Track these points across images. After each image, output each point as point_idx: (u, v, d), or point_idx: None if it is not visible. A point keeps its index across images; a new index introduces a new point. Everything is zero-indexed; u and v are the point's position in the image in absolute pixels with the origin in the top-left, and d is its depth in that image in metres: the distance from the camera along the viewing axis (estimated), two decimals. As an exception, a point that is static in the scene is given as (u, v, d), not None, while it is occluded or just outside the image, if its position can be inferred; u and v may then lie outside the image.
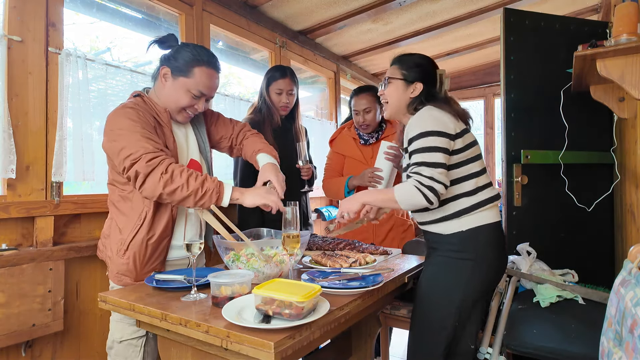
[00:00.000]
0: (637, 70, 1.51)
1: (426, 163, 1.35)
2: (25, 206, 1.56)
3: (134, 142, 1.31)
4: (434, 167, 1.34)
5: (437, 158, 1.35)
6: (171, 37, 1.51)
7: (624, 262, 1.00)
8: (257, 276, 1.32)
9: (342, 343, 1.84)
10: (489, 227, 1.46)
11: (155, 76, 1.53)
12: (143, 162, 1.29)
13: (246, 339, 0.93)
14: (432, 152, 1.36)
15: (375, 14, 2.82)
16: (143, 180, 1.30)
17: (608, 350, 0.95)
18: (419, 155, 1.38)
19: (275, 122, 2.14)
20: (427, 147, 1.37)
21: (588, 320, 1.57)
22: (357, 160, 2.32)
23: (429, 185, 1.32)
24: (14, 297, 1.48)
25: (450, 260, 1.46)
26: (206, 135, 1.68)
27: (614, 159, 2.31)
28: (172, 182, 1.29)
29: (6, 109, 1.52)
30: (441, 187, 1.32)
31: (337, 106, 3.71)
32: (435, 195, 1.32)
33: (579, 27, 2.41)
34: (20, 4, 1.57)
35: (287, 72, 2.17)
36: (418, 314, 1.51)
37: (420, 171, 1.34)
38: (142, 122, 1.37)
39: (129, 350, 1.40)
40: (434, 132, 1.38)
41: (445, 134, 1.39)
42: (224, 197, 1.37)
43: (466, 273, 1.42)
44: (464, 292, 1.42)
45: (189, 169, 1.35)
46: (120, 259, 1.41)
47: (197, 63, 1.46)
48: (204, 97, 1.51)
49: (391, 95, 1.57)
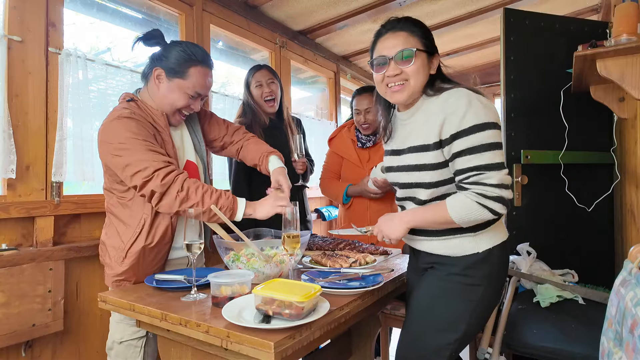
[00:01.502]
0: (637, 70, 1.51)
1: (490, 166, 1.09)
2: (25, 206, 1.56)
3: (139, 158, 1.29)
4: (500, 169, 1.09)
5: (500, 157, 1.10)
6: (156, 33, 1.45)
7: (624, 262, 1.00)
8: (257, 276, 1.32)
9: (342, 343, 1.84)
10: (505, 246, 1.23)
11: (146, 76, 1.48)
12: (158, 181, 1.28)
13: (246, 339, 0.93)
14: (494, 151, 1.09)
15: (375, 14, 2.82)
16: (159, 199, 1.30)
17: (608, 350, 0.95)
18: (477, 157, 1.09)
19: (263, 122, 2.13)
20: (488, 145, 1.09)
21: (588, 320, 1.57)
22: (354, 163, 2.32)
23: (495, 196, 1.07)
24: (14, 297, 1.48)
25: (456, 286, 1.21)
26: (202, 135, 1.66)
27: (614, 159, 2.31)
28: (187, 200, 1.31)
29: (6, 109, 1.52)
30: (509, 193, 1.09)
31: (337, 106, 3.71)
32: (504, 205, 1.08)
33: (579, 27, 2.41)
34: (20, 4, 1.57)
35: (262, 66, 2.20)
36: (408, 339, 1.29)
37: (485, 179, 1.08)
38: (143, 133, 1.33)
39: (129, 350, 1.40)
40: (491, 124, 1.09)
41: (498, 126, 1.12)
42: (237, 213, 1.38)
43: (473, 301, 1.19)
44: (468, 323, 1.20)
45: (205, 185, 1.35)
46: (119, 265, 1.39)
47: (192, 63, 1.42)
48: (200, 97, 1.49)
49: (418, 73, 1.19)
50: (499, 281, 1.25)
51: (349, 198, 2.28)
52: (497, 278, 1.23)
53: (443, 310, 1.22)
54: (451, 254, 1.22)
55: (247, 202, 1.41)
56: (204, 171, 1.64)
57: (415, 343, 1.26)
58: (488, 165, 1.09)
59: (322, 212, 3.36)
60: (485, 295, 1.20)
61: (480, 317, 1.23)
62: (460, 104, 1.11)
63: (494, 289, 1.23)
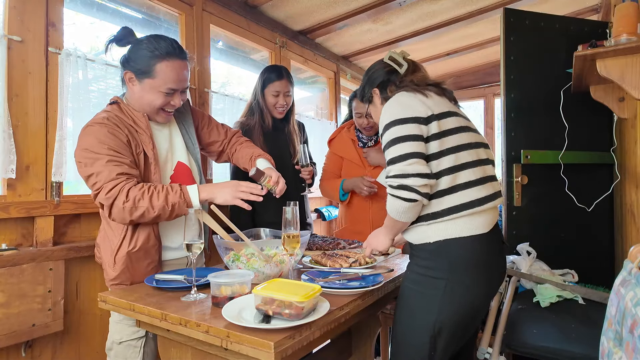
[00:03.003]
0: (637, 70, 1.51)
1: (393, 159, 1.18)
2: (25, 206, 1.56)
3: (97, 169, 1.29)
4: (401, 160, 1.16)
5: (404, 149, 1.16)
6: (126, 32, 1.40)
7: (624, 262, 1.00)
8: (257, 276, 1.32)
9: (342, 343, 1.84)
10: (467, 241, 1.18)
11: (122, 80, 1.46)
12: (103, 194, 1.28)
13: (246, 339, 0.93)
14: (397, 144, 1.18)
15: (375, 14, 2.82)
16: (109, 211, 1.30)
17: (608, 350, 0.95)
18: (387, 152, 1.21)
19: (267, 125, 2.12)
20: (392, 140, 1.19)
21: (588, 320, 1.57)
22: (354, 163, 2.31)
23: (398, 185, 1.15)
24: (14, 297, 1.48)
25: (420, 277, 1.24)
26: (195, 136, 1.64)
27: (614, 159, 2.31)
28: (136, 209, 1.29)
29: (6, 109, 1.52)
30: (415, 180, 1.13)
31: (337, 106, 3.71)
32: (411, 191, 1.13)
33: (579, 27, 2.41)
34: (20, 4, 1.57)
35: (284, 74, 2.14)
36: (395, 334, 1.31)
37: (389, 172, 1.18)
38: (110, 141, 1.31)
39: (129, 351, 1.40)
40: (397, 121, 1.19)
41: (411, 119, 1.18)
42: (192, 201, 1.35)
43: (438, 294, 1.19)
44: (438, 319, 1.19)
45: (151, 187, 1.31)
46: (111, 270, 1.39)
47: (156, 59, 1.36)
48: (177, 92, 1.44)
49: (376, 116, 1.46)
50: (468, 277, 1.19)
51: (346, 195, 2.26)
52: (463, 272, 1.18)
53: (413, 301, 1.24)
54: (412, 240, 1.29)
55: (201, 186, 1.39)
56: (198, 172, 1.62)
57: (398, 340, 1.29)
58: (391, 159, 1.19)
59: (322, 212, 3.36)
60: (452, 290, 1.17)
61: (454, 313, 1.18)
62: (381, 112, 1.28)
63: (464, 284, 1.18)
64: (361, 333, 1.83)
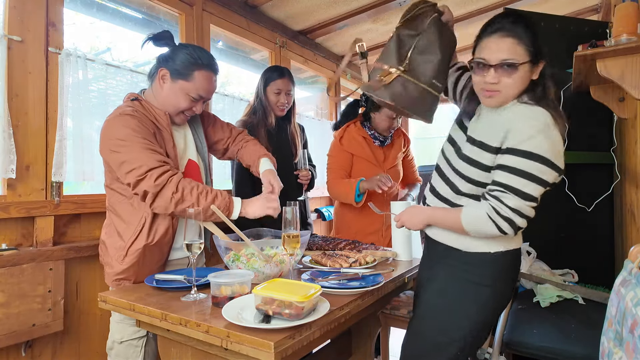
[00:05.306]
0: (637, 70, 1.51)
1: (516, 191, 1.10)
2: (25, 206, 1.56)
3: (135, 156, 1.30)
4: (525, 199, 1.10)
5: (532, 190, 1.10)
6: (167, 34, 1.48)
7: (625, 262, 1.00)
8: (257, 276, 1.32)
9: (342, 343, 1.84)
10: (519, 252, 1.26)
11: (152, 76, 1.50)
12: (151, 181, 1.28)
13: (246, 339, 0.93)
14: (531, 182, 1.10)
15: (375, 14, 2.82)
16: (153, 199, 1.30)
17: (608, 350, 0.95)
18: (512, 178, 1.11)
19: (270, 123, 2.13)
20: (529, 174, 1.10)
21: (588, 320, 1.57)
22: (368, 161, 2.25)
23: (506, 217, 1.10)
24: (14, 297, 1.48)
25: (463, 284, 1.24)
26: (204, 136, 1.67)
27: (614, 159, 2.30)
28: (183, 202, 1.31)
29: (6, 109, 1.52)
30: (523, 222, 1.12)
31: (337, 106, 3.71)
32: (512, 227, 1.11)
33: (579, 27, 2.41)
34: (20, 4, 1.57)
35: (285, 73, 2.17)
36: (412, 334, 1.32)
37: (503, 198, 1.11)
38: (143, 132, 1.34)
39: (130, 350, 1.40)
40: (546, 161, 1.09)
41: (555, 167, 1.11)
42: (233, 212, 1.40)
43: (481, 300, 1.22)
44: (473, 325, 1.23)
45: (200, 185, 1.35)
46: (119, 264, 1.39)
47: (197, 66, 1.44)
48: (202, 100, 1.50)
49: (515, 86, 1.16)
50: (508, 284, 1.26)
51: (361, 195, 2.13)
52: (506, 281, 1.25)
53: (448, 308, 1.25)
54: (462, 248, 1.24)
55: (244, 201, 1.43)
56: (205, 171, 1.64)
57: (417, 338, 1.30)
58: (516, 189, 1.10)
59: (322, 212, 3.36)
60: (493, 297, 1.23)
61: (486, 320, 1.25)
62: (531, 125, 1.11)
63: (502, 292, 1.26)
64: (361, 333, 1.83)
